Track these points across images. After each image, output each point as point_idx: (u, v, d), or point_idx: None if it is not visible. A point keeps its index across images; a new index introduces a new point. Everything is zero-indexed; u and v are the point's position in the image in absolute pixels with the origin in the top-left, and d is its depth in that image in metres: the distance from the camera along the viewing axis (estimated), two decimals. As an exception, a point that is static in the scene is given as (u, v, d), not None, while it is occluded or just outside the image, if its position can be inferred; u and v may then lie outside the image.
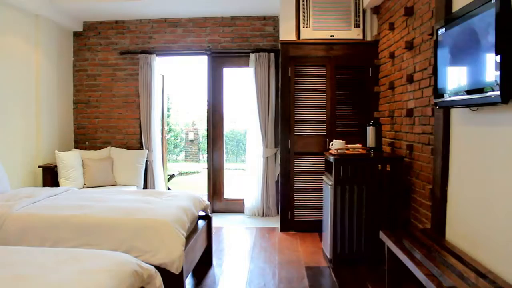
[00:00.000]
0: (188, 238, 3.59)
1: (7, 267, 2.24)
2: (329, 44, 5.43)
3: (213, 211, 6.63)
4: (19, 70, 5.62)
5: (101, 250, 2.72)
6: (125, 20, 6.74)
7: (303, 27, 5.45)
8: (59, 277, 2.11)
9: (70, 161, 5.85)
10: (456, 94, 2.76)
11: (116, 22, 6.77)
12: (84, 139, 6.91)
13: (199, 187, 10.53)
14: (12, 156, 5.43)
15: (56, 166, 5.87)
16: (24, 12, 5.67)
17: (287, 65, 5.48)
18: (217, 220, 6.16)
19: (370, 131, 4.61)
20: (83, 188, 5.82)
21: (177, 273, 3.15)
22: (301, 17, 5.45)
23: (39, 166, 5.92)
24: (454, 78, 2.82)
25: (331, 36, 5.41)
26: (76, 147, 6.86)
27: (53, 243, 3.28)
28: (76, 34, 6.89)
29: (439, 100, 3.02)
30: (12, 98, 5.46)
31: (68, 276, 2.12)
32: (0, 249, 2.63)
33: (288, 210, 5.56)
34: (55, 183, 5.83)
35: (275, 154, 6.40)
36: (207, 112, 6.75)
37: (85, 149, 6.74)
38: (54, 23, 6.27)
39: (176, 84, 16.64)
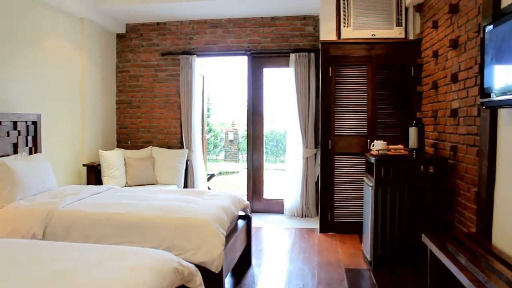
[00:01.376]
0: (228, 238, 3.61)
1: (54, 262, 2.31)
2: (370, 44, 5.35)
3: (253, 211, 6.64)
4: (66, 71, 5.80)
5: (142, 247, 2.76)
6: (166, 21, 6.84)
7: (344, 27, 5.39)
8: (102, 273, 2.16)
9: (113, 160, 5.99)
10: (503, 93, 2.67)
11: (158, 23, 6.88)
12: (126, 138, 7.06)
13: (238, 187, 10.58)
14: (59, 155, 5.60)
15: (99, 165, 6.02)
16: (71, 16, 5.85)
17: (328, 65, 5.44)
18: (257, 220, 6.17)
19: (413, 131, 4.51)
20: (125, 186, 5.94)
21: (217, 272, 3.18)
22: (342, 17, 5.40)
23: (84, 165, 6.09)
24: (502, 77, 2.73)
25: (372, 35, 5.33)
26: (118, 146, 7.02)
27: (97, 240, 3.36)
28: (119, 36, 7.05)
29: (486, 100, 2.92)
30: (59, 99, 5.64)
31: (111, 272, 2.17)
32: (47, 244, 2.72)
33: (327, 211, 5.51)
34: (99, 181, 5.99)
35: (315, 154, 6.35)
36: (247, 112, 6.78)
37: (127, 148, 6.88)
38: (98, 26, 6.44)
39: (216, 84, 16.79)
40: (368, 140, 5.32)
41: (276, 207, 6.78)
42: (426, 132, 4.82)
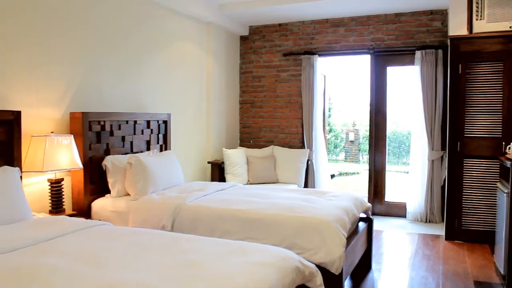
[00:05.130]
0: (348, 239, 3.55)
1: (182, 253, 2.45)
2: (507, 37, 4.90)
3: (373, 214, 6.47)
4: (193, 73, 6.14)
5: (264, 244, 2.82)
6: (288, 22, 6.92)
7: (476, 20, 5.02)
8: (227, 267, 2.24)
9: (236, 158, 6.20)
10: None
11: (280, 25, 6.99)
12: (248, 137, 7.27)
13: (358, 188, 10.39)
14: (186, 152, 5.94)
15: (223, 162, 6.27)
16: (198, 21, 6.17)
17: (457, 62, 5.11)
18: (377, 223, 5.99)
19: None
20: (247, 184, 6.12)
21: (337, 274, 3.14)
22: (474, 9, 5.03)
23: (208, 162, 6.39)
24: None
25: (510, 27, 4.89)
26: (241, 145, 7.26)
27: (220, 234, 3.50)
28: (242, 38, 7.28)
29: None
30: (187, 99, 5.99)
31: (235, 266, 2.24)
32: (176, 236, 2.89)
33: (454, 217, 5.18)
34: (222, 178, 6.24)
35: (442, 157, 6.01)
36: (370, 112, 6.62)
37: (249, 147, 7.08)
38: (223, 29, 6.71)
39: (337, 84, 16.63)
40: (503, 143, 4.88)
41: (398, 211, 6.54)
42: None
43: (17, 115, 3.47)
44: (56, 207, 3.74)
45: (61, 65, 4.01)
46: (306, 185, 6.61)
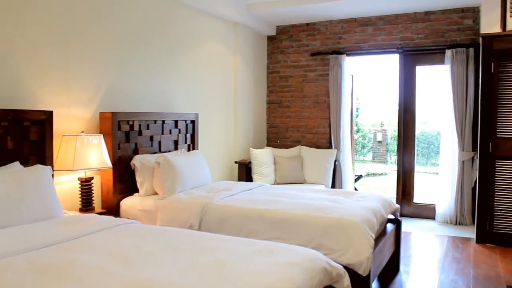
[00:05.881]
0: (376, 241, 3.50)
1: (210, 252, 2.46)
2: (542, 36, 4.79)
3: (402, 215, 6.37)
4: (221, 73, 6.17)
5: (291, 245, 2.81)
6: (315, 22, 6.89)
7: (511, 17, 4.90)
8: (255, 266, 2.23)
9: (263, 158, 6.20)
10: None
11: (307, 24, 6.96)
12: (275, 137, 7.26)
13: (386, 189, 10.27)
14: (213, 151, 5.97)
15: (250, 162, 6.27)
16: (225, 22, 6.19)
17: (490, 60, 4.99)
18: (406, 225, 5.90)
19: None
20: (274, 184, 6.11)
21: (364, 275, 3.11)
22: (508, 6, 4.90)
23: (235, 162, 6.40)
24: None
25: (545, 26, 4.76)
26: (268, 145, 7.26)
27: (247, 234, 3.50)
28: (269, 38, 7.27)
29: None
30: (214, 99, 6.02)
31: (263, 266, 2.24)
32: (204, 235, 2.91)
33: (486, 220, 5.07)
34: (249, 178, 6.25)
35: (473, 158, 5.88)
36: (398, 112, 6.53)
37: (276, 147, 7.07)
38: (250, 29, 6.72)
39: (365, 83, 16.48)
40: (537, 144, 4.77)
41: (426, 212, 6.43)
42: None
43: (49, 115, 3.54)
44: (86, 205, 3.80)
45: (92, 66, 4.08)
46: (333, 186, 6.56)
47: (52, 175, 3.40)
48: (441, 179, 6.16)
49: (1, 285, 1.96)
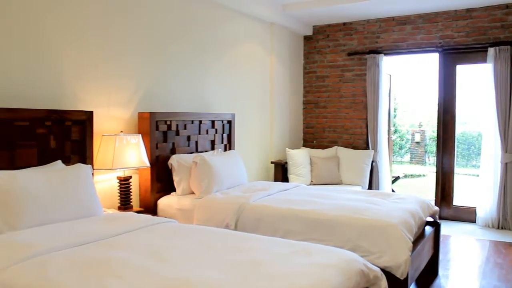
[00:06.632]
0: (414, 244, 3.43)
1: (247, 252, 2.47)
2: None
3: (440, 218, 6.23)
4: (257, 74, 6.18)
5: (327, 246, 2.78)
6: (352, 21, 6.81)
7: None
8: (291, 267, 2.22)
9: (299, 159, 6.17)
10: None
11: (344, 24, 6.89)
12: (312, 138, 7.22)
13: (424, 191, 10.08)
14: (249, 152, 5.99)
15: (286, 162, 6.26)
16: (261, 22, 6.20)
17: (535, 59, 4.83)
18: (445, 228, 5.76)
19: None
20: (310, 184, 6.08)
21: (402, 279, 3.05)
22: (555, 3, 4.74)
23: (271, 162, 6.40)
24: None
25: None
26: (304, 145, 7.23)
27: (283, 234, 3.48)
28: (306, 38, 7.24)
29: None
30: (251, 99, 6.04)
31: (299, 267, 2.23)
32: (240, 235, 2.92)
33: (531, 223, 4.91)
34: (285, 179, 6.24)
35: (516, 159, 5.71)
36: (438, 112, 6.38)
37: (313, 147, 7.03)
38: (287, 29, 6.70)
39: (403, 83, 16.21)
40: None
41: (467, 215, 6.26)
42: None
43: (89, 115, 3.63)
44: (125, 203, 3.87)
45: (131, 67, 4.16)
46: (370, 187, 6.47)
47: (92, 174, 3.47)
48: (482, 182, 5.99)
49: (43, 281, 2.01)
